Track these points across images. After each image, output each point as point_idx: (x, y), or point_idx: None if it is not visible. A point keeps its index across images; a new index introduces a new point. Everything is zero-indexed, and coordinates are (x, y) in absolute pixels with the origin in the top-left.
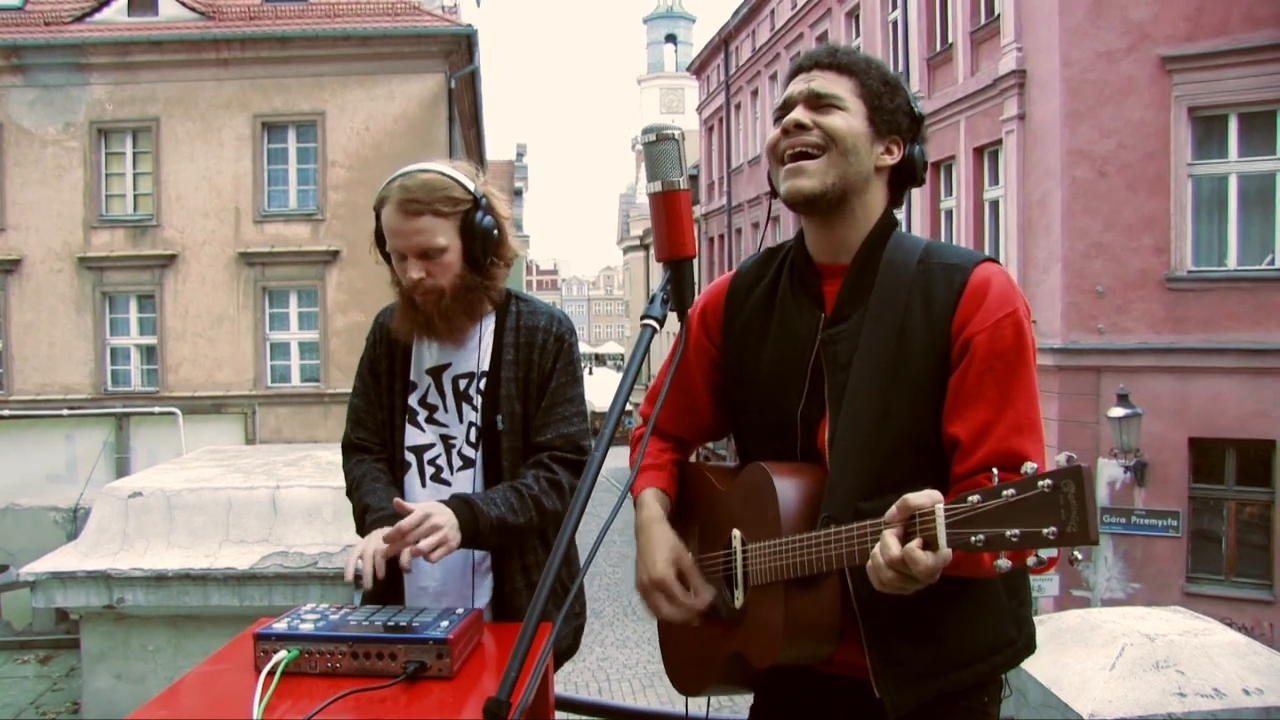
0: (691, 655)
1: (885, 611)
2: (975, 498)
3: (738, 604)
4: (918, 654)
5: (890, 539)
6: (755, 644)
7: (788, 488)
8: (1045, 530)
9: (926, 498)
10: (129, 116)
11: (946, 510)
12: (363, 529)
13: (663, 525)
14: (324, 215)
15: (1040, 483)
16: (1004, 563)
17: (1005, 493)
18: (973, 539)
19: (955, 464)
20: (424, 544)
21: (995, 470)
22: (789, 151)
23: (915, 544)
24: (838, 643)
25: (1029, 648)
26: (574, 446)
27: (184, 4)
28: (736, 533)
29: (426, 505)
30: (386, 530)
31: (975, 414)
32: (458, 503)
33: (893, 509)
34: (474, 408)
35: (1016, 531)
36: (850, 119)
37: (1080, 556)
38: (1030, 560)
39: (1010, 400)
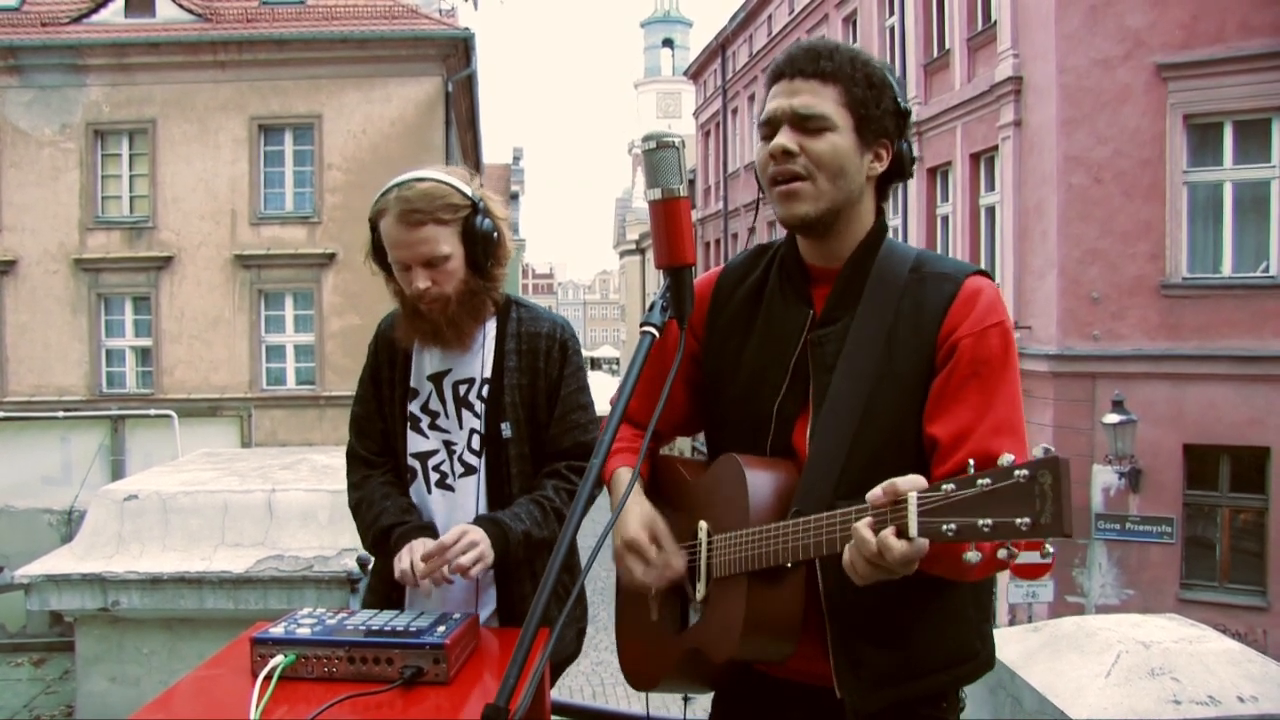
0: (648, 649)
1: (854, 612)
2: (950, 486)
3: (699, 596)
4: (882, 658)
5: (863, 529)
6: (714, 638)
7: (760, 480)
8: (1018, 520)
9: (910, 482)
10: (125, 118)
11: (920, 498)
12: (385, 546)
13: (636, 497)
14: (320, 218)
15: (1016, 473)
16: (973, 555)
17: (980, 482)
18: (944, 527)
19: (935, 465)
20: (464, 559)
21: (972, 461)
22: (777, 177)
23: (889, 532)
24: (797, 643)
25: (990, 663)
26: (590, 454)
27: (181, 6)
28: (703, 524)
29: (460, 526)
30: (423, 542)
31: (957, 416)
32: (486, 521)
33: (877, 491)
34: (475, 414)
35: (989, 521)
36: (837, 140)
37: (1079, 563)
38: (1000, 553)
39: (992, 405)
